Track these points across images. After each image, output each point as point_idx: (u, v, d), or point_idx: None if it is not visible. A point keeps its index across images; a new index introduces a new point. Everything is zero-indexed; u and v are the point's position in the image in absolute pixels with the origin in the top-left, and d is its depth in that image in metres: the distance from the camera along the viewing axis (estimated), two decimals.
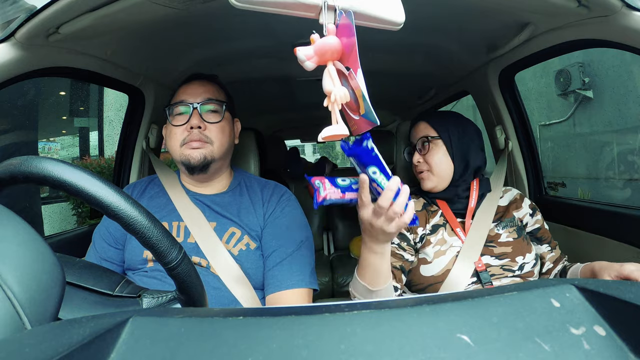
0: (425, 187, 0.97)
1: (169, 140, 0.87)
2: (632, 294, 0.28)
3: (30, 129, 3.21)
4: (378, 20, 0.44)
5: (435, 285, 0.88)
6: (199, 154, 0.83)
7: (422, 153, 0.96)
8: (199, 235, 0.81)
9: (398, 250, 0.93)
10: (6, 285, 0.29)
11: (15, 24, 0.72)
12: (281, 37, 1.14)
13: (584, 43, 0.91)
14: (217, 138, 0.85)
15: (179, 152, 0.85)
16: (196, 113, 0.84)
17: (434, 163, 0.95)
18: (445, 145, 0.95)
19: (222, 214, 0.86)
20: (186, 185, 0.92)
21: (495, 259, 0.88)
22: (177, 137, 0.84)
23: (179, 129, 0.85)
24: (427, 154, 0.95)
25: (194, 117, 0.84)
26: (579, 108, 4.82)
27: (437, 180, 0.95)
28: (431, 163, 0.95)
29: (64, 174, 0.37)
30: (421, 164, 0.96)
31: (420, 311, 0.28)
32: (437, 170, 0.95)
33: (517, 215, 0.96)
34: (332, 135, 0.42)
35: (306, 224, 0.89)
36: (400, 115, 2.69)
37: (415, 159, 0.98)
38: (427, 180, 0.96)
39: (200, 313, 0.30)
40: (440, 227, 0.94)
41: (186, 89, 0.88)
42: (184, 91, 0.88)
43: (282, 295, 0.79)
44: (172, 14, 0.83)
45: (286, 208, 0.88)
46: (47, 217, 3.87)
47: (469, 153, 0.96)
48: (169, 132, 0.87)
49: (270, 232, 0.85)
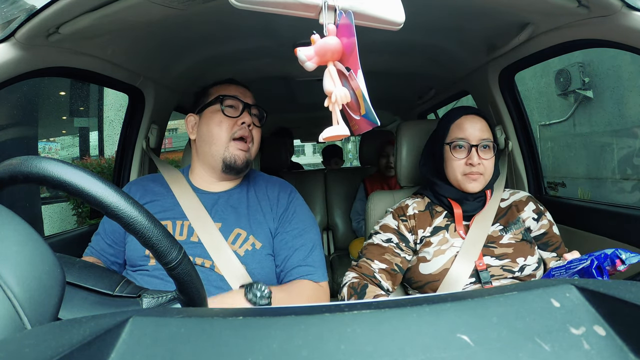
0: (474, 190, 0.92)
1: (217, 127, 0.86)
2: (632, 294, 0.28)
3: (30, 128, 3.21)
4: (378, 20, 0.44)
5: (434, 283, 0.89)
6: (244, 157, 0.87)
7: (483, 156, 0.91)
8: (203, 234, 0.81)
9: (396, 249, 0.93)
10: (6, 285, 0.29)
11: (15, 24, 0.72)
12: (281, 37, 1.14)
13: (584, 43, 0.91)
14: (257, 140, 0.91)
15: (224, 145, 0.86)
16: (247, 112, 0.89)
17: (489, 168, 0.92)
18: (494, 152, 0.94)
19: (229, 215, 0.86)
20: (196, 183, 0.91)
21: (495, 259, 0.88)
22: (228, 128, 0.86)
23: (230, 121, 0.87)
24: (489, 159, 0.92)
25: (246, 114, 0.88)
26: (579, 108, 4.82)
27: (484, 184, 0.93)
28: (487, 167, 0.92)
29: (64, 174, 0.37)
30: (480, 167, 0.91)
31: (420, 311, 0.28)
32: (488, 176, 0.93)
33: (522, 217, 0.95)
34: (333, 135, 0.42)
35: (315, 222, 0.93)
36: (400, 115, 2.69)
37: (475, 160, 0.90)
38: (478, 183, 0.92)
39: (200, 313, 0.30)
40: (442, 229, 0.94)
41: (234, 89, 0.91)
42: (233, 89, 0.91)
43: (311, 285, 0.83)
44: (172, 14, 0.83)
45: (297, 208, 0.91)
46: (47, 217, 3.86)
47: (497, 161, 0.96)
48: (217, 121, 0.87)
49: (286, 236, 0.87)
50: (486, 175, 0.93)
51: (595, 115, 4.64)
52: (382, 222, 1.00)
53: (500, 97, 1.31)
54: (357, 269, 0.93)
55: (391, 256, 0.92)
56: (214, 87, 0.93)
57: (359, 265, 0.94)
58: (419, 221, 0.96)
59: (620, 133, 4.34)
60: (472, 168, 0.90)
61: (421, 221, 0.96)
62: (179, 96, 1.44)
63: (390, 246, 0.94)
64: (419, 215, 0.97)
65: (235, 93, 0.90)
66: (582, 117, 4.82)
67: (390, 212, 1.01)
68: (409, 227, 0.96)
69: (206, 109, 0.90)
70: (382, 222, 0.99)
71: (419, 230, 0.95)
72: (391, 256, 0.92)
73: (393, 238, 0.95)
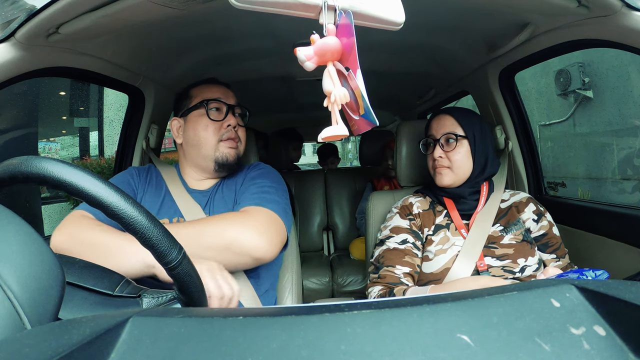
0: (442, 183, 0.95)
1: (204, 132, 0.89)
2: (632, 294, 0.28)
3: (30, 129, 3.21)
4: (378, 20, 0.44)
5: (435, 282, 0.89)
6: (235, 153, 0.91)
7: (446, 149, 0.94)
8: None
9: (414, 250, 0.92)
10: (6, 285, 0.29)
11: (15, 24, 0.72)
12: (281, 37, 1.14)
13: (584, 43, 0.91)
14: (243, 138, 0.95)
15: (214, 147, 0.89)
16: (231, 113, 0.91)
17: (456, 161, 0.94)
18: (470, 145, 0.94)
19: (216, 206, 0.88)
20: (188, 182, 0.93)
21: (496, 259, 0.88)
22: (215, 131, 0.89)
23: (216, 124, 0.89)
24: (451, 151, 0.94)
25: (231, 116, 0.91)
26: (579, 108, 4.82)
27: (455, 178, 0.94)
28: (453, 160, 0.94)
29: (64, 174, 0.37)
30: (443, 160, 0.94)
31: (420, 311, 0.28)
32: (457, 169, 0.94)
33: (522, 218, 0.95)
34: (332, 135, 0.42)
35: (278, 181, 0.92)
36: (400, 115, 2.69)
37: (437, 154, 0.95)
38: (445, 176, 0.94)
39: (200, 313, 0.30)
40: (443, 227, 0.94)
41: (216, 90, 0.93)
42: (215, 91, 0.92)
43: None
44: (172, 14, 0.83)
45: (256, 167, 0.94)
46: (47, 217, 3.86)
47: (488, 156, 0.96)
48: (203, 125, 0.89)
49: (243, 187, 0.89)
50: (455, 168, 0.94)
51: (595, 115, 4.64)
52: (391, 225, 0.97)
53: (500, 97, 1.31)
54: (380, 281, 0.90)
55: (411, 257, 0.91)
56: (195, 88, 0.95)
57: (381, 276, 0.90)
58: (424, 220, 0.97)
59: (620, 133, 4.34)
60: (436, 162, 0.95)
61: (425, 220, 0.97)
62: None
63: (408, 247, 0.92)
64: (423, 214, 0.97)
65: (217, 95, 0.92)
66: (582, 117, 4.82)
67: (396, 211, 1.00)
68: (417, 225, 0.96)
69: (190, 113, 0.91)
70: (392, 225, 0.97)
71: (425, 229, 0.96)
72: (411, 257, 0.91)
73: (408, 238, 0.93)
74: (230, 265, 0.69)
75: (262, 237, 0.71)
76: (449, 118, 0.97)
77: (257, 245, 0.71)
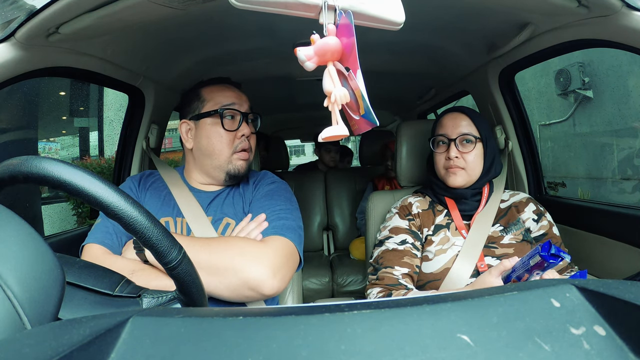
0: (455, 184, 0.94)
1: (219, 143, 0.86)
2: (632, 294, 0.28)
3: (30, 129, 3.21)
4: (378, 20, 0.44)
5: (435, 282, 0.89)
6: (247, 165, 0.89)
7: (462, 150, 0.94)
8: (198, 230, 0.82)
9: (413, 250, 0.92)
10: (6, 285, 0.29)
11: (15, 24, 0.72)
12: (281, 37, 1.14)
13: (584, 43, 0.91)
14: (254, 147, 0.93)
15: (227, 159, 0.87)
16: (245, 122, 0.89)
17: (471, 162, 0.93)
18: (483, 148, 0.95)
19: (219, 208, 0.88)
20: (192, 184, 0.92)
21: (496, 259, 0.88)
22: (229, 143, 0.87)
23: (230, 135, 0.87)
24: (467, 152, 0.93)
25: (245, 126, 0.88)
26: (579, 108, 4.82)
27: (467, 179, 0.94)
28: (468, 162, 0.93)
29: (64, 174, 0.37)
30: (458, 160, 0.94)
31: (420, 311, 0.28)
32: (471, 170, 0.94)
33: (522, 218, 0.95)
34: (333, 135, 0.42)
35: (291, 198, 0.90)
36: (400, 115, 2.69)
37: (452, 153, 0.93)
38: (458, 177, 0.94)
39: (200, 313, 0.30)
40: (443, 227, 0.94)
41: (230, 95, 0.89)
42: (229, 95, 0.88)
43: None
44: (172, 14, 0.83)
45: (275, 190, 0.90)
46: (47, 217, 3.86)
47: (494, 158, 0.96)
48: (218, 136, 0.86)
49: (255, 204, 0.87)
50: (469, 170, 0.93)
51: (595, 115, 4.64)
52: (390, 225, 0.97)
53: (500, 97, 1.31)
54: (379, 283, 0.89)
55: (410, 258, 0.91)
56: (206, 88, 0.91)
57: (379, 278, 0.90)
58: (423, 220, 0.97)
59: (620, 133, 4.34)
60: (451, 162, 0.94)
61: (425, 220, 0.97)
62: (179, 96, 1.44)
63: (407, 248, 0.92)
64: (422, 214, 0.97)
65: (232, 100, 0.88)
66: (582, 116, 4.82)
67: (395, 212, 1.00)
68: (416, 225, 0.96)
69: (203, 119, 0.88)
70: (391, 225, 0.97)
71: (424, 229, 0.96)
72: (410, 258, 0.91)
73: (407, 238, 0.93)
74: (230, 288, 0.68)
75: (276, 276, 0.69)
76: (465, 118, 0.96)
77: (268, 285, 0.68)
